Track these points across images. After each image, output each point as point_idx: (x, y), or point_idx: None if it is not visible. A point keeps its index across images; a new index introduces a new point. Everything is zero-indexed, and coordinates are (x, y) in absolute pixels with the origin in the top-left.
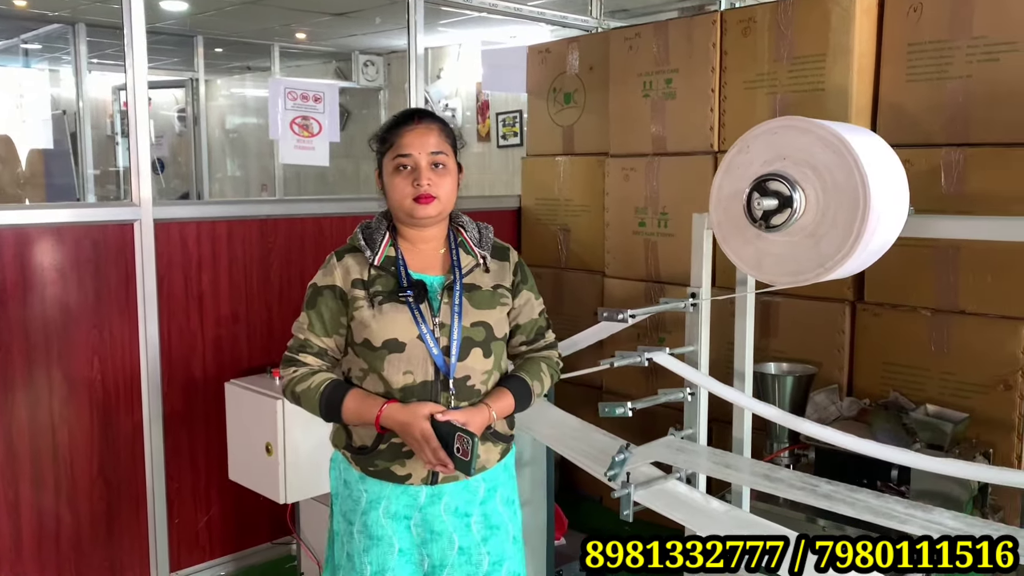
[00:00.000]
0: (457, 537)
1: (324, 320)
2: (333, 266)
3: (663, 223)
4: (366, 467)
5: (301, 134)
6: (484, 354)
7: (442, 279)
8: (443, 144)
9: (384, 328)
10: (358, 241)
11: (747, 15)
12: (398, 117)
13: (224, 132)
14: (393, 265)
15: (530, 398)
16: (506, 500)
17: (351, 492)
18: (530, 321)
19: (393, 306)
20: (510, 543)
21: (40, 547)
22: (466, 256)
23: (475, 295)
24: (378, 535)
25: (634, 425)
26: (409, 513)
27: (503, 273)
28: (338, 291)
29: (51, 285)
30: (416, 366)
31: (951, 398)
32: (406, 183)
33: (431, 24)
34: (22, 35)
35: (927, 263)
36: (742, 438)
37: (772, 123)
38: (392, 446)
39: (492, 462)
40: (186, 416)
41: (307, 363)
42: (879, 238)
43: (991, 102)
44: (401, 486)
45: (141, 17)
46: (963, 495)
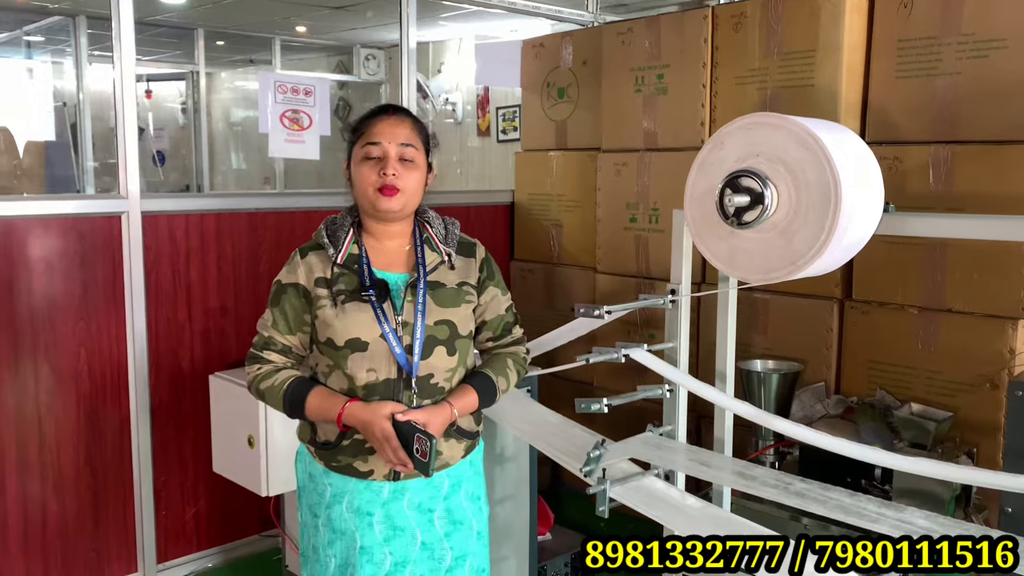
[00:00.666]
0: (420, 532)
1: (288, 318)
2: (297, 263)
3: (654, 219)
4: (329, 462)
5: (291, 127)
6: (448, 352)
7: (406, 277)
8: (414, 138)
9: (347, 328)
10: (322, 238)
11: (738, 10)
12: (373, 110)
13: (228, 125)
14: (356, 263)
15: (495, 395)
16: (470, 496)
17: (316, 486)
18: (496, 317)
19: (356, 305)
20: (474, 538)
21: (26, 538)
22: (431, 253)
23: (439, 293)
24: (341, 529)
25: (621, 421)
26: (372, 509)
27: (468, 270)
28: (301, 289)
29: (38, 277)
30: (379, 364)
31: (938, 397)
32: (372, 172)
33: (432, 18)
34: (24, 27)
35: (915, 261)
36: (723, 437)
37: (746, 119)
38: (355, 442)
39: (456, 458)
40: (173, 408)
41: (271, 360)
42: (852, 236)
43: (980, 99)
44: (364, 481)
45: (129, 10)
46: (945, 494)
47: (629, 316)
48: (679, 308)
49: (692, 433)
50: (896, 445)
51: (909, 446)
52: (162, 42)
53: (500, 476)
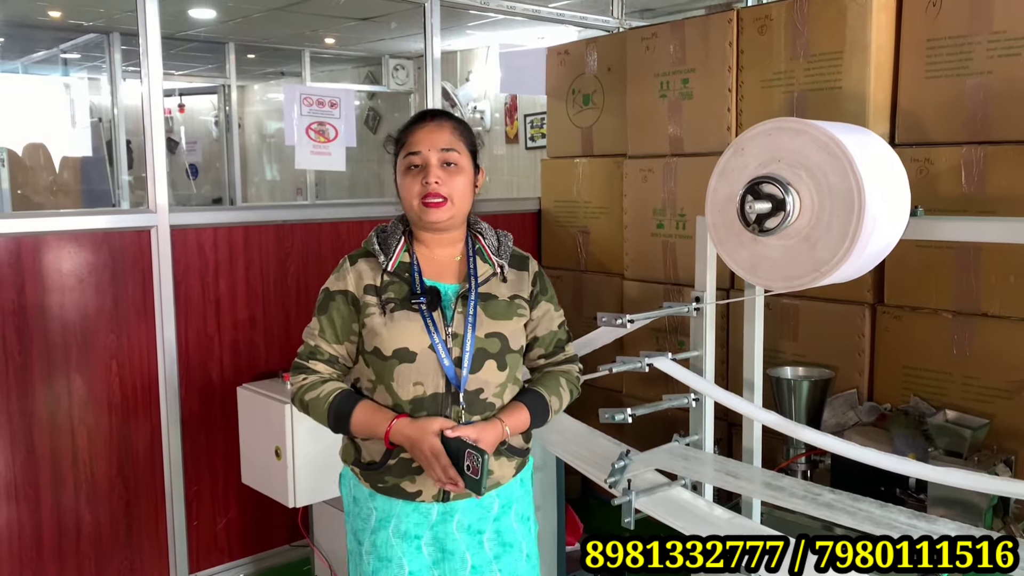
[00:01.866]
0: (470, 556)
1: (335, 326)
2: (346, 271)
3: (681, 224)
4: (375, 483)
5: (317, 139)
6: (499, 366)
7: (457, 287)
8: (456, 142)
9: (395, 337)
10: (372, 246)
11: (763, 13)
12: (413, 117)
13: (260, 137)
14: (407, 271)
15: (547, 414)
16: (521, 517)
17: (360, 510)
18: (549, 333)
19: (405, 314)
20: (523, 561)
21: (61, 548)
22: (483, 264)
23: (491, 305)
24: (387, 556)
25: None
26: (420, 532)
27: (521, 283)
28: (350, 296)
29: (70, 291)
30: (427, 377)
31: (973, 403)
32: (415, 182)
33: (458, 27)
34: (61, 45)
35: (948, 264)
36: (751, 447)
37: (767, 124)
38: (402, 461)
39: (507, 477)
40: (204, 419)
41: (317, 370)
42: (877, 242)
43: (1012, 99)
44: (412, 503)
45: (156, 26)
46: (982, 503)
47: (658, 322)
48: (704, 316)
49: (724, 441)
50: (931, 453)
51: (944, 454)
52: (194, 56)
53: None
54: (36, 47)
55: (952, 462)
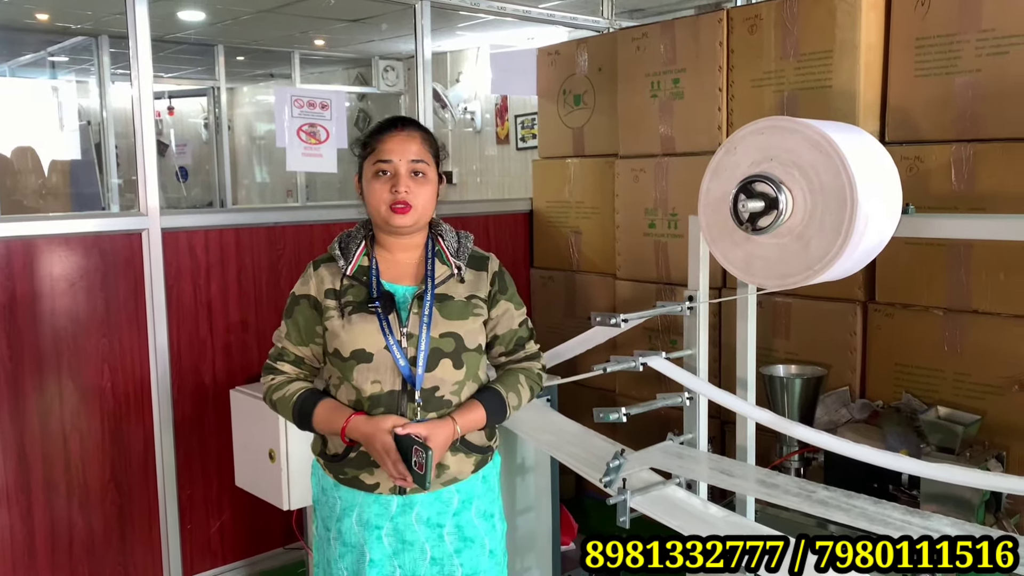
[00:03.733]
0: (429, 547)
1: (300, 329)
2: (310, 275)
3: (673, 224)
4: (338, 474)
5: (308, 141)
6: (455, 365)
7: (414, 289)
8: (424, 153)
9: (352, 338)
10: (334, 251)
11: (753, 12)
12: (382, 124)
13: (250, 139)
14: (366, 275)
15: (505, 411)
16: (482, 513)
17: (327, 499)
18: (509, 332)
19: (362, 316)
20: (485, 556)
21: (53, 554)
22: (441, 266)
23: (447, 305)
24: (351, 542)
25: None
26: (381, 523)
27: (479, 283)
28: (312, 300)
29: (61, 295)
30: (384, 376)
31: (965, 399)
32: (384, 189)
33: (448, 28)
34: (49, 48)
35: (939, 262)
36: (745, 445)
37: (759, 123)
38: (361, 455)
39: (465, 474)
40: (196, 423)
41: (284, 371)
42: (870, 239)
43: (1001, 97)
44: (372, 495)
45: (146, 29)
46: (975, 499)
47: (650, 322)
48: (697, 315)
49: (717, 439)
50: (923, 449)
51: (936, 450)
52: (183, 59)
53: (521, 486)
54: (23, 50)
55: (944, 458)
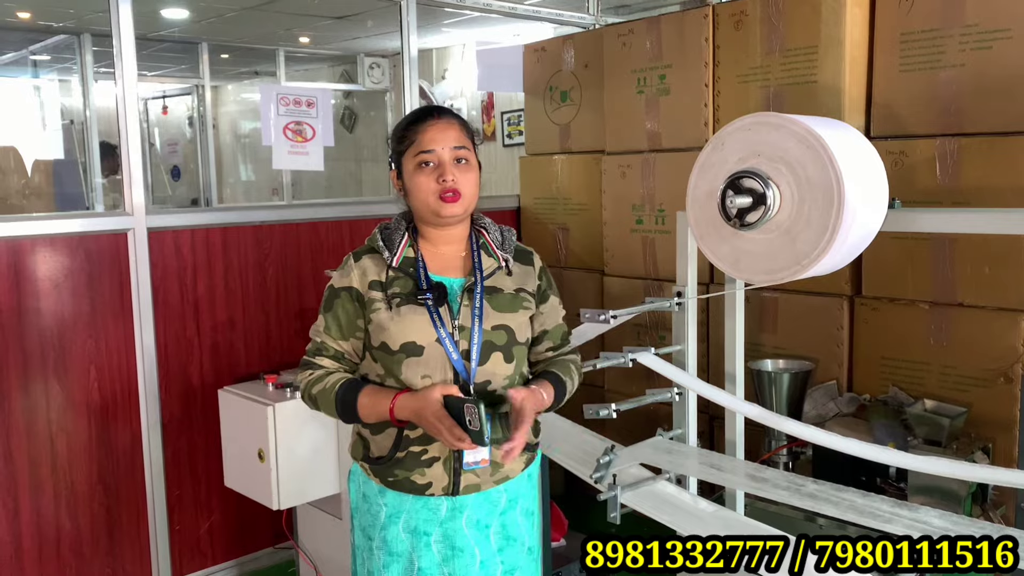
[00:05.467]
0: (479, 551)
1: (340, 323)
2: (350, 267)
3: (660, 220)
4: (385, 478)
5: (294, 139)
6: (505, 359)
7: (462, 281)
8: (464, 139)
9: (402, 331)
10: (376, 242)
11: (738, 8)
12: (416, 114)
13: (235, 137)
14: (412, 267)
15: (564, 396)
16: (525, 512)
17: (370, 506)
18: (557, 327)
19: (411, 308)
20: (525, 554)
21: (41, 556)
22: (487, 258)
23: (496, 298)
24: (398, 551)
25: (633, 425)
26: (430, 529)
27: (526, 277)
28: (355, 293)
29: (46, 296)
30: (434, 370)
31: (951, 392)
32: (430, 180)
33: (434, 25)
34: (30, 46)
35: (924, 255)
36: (734, 439)
37: (746, 119)
38: (411, 455)
39: (516, 471)
40: (185, 423)
41: (323, 366)
42: (857, 233)
43: (985, 91)
44: (422, 499)
45: (130, 27)
46: (962, 491)
47: (639, 318)
48: (686, 310)
49: (705, 434)
50: (910, 442)
51: (923, 443)
52: (167, 57)
53: None
54: (5, 49)
55: (931, 451)
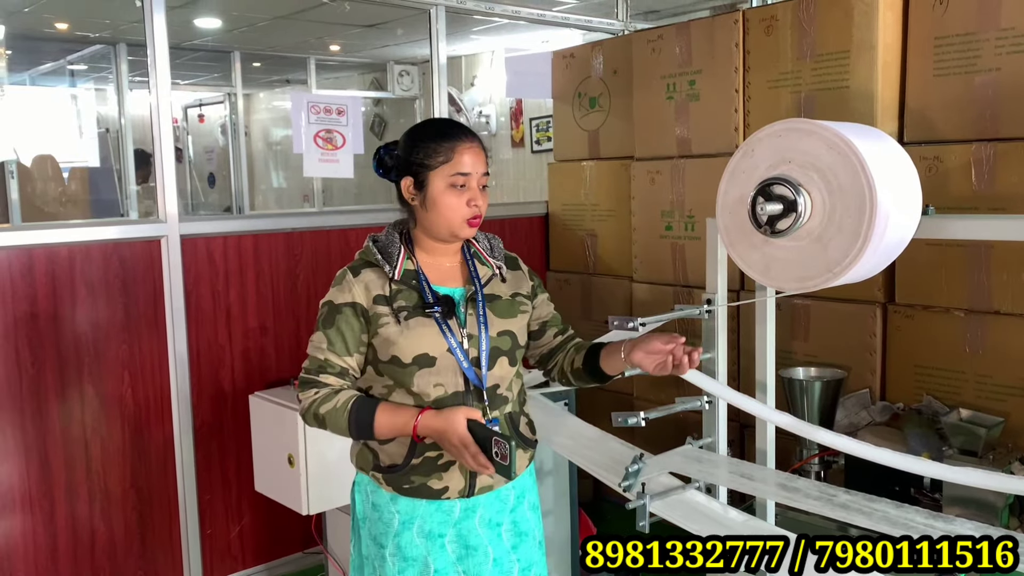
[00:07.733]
0: (492, 549)
1: (345, 339)
2: (350, 282)
3: (690, 226)
4: (400, 485)
5: (325, 147)
6: (510, 362)
7: (463, 291)
8: (487, 165)
9: (413, 344)
10: (374, 256)
11: (769, 13)
12: (444, 129)
13: (267, 145)
14: (413, 279)
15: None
16: (532, 506)
17: (381, 515)
18: (553, 316)
19: (420, 321)
20: (536, 548)
21: (75, 559)
22: (481, 267)
23: (496, 305)
24: (412, 556)
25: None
26: (443, 531)
27: (519, 282)
28: (359, 308)
29: (81, 302)
30: (446, 378)
31: (987, 401)
32: (462, 203)
33: (463, 32)
34: (68, 56)
35: (959, 262)
36: (765, 449)
37: (776, 126)
38: (427, 460)
39: (523, 468)
40: (216, 428)
41: (328, 383)
42: (889, 241)
43: (1021, 95)
44: (435, 502)
45: (164, 37)
46: (998, 502)
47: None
48: (716, 318)
49: (736, 443)
50: (945, 452)
51: (959, 453)
52: (200, 66)
53: (540, 490)
54: (43, 59)
55: (967, 461)
